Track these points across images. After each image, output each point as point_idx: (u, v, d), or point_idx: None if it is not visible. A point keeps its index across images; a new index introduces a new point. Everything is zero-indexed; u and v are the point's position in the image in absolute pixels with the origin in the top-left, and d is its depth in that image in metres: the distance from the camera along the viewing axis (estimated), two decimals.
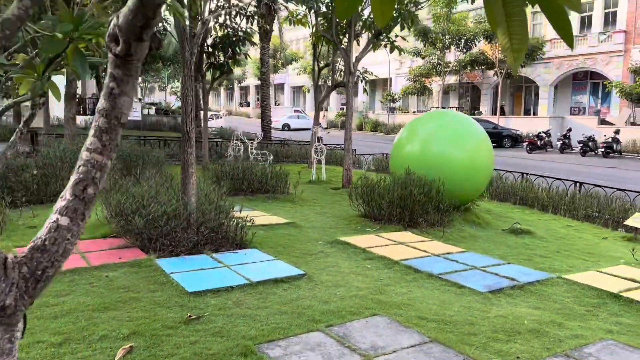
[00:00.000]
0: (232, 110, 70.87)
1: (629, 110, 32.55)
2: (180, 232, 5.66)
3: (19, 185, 8.41)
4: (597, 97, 36.12)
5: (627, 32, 32.59)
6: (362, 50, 11.88)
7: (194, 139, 6.11)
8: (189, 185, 6.06)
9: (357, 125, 47.35)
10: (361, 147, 28.60)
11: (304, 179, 13.76)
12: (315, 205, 9.74)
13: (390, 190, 7.77)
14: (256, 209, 8.73)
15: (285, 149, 19.28)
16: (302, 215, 8.56)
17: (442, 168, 8.38)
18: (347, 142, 12.12)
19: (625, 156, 27.59)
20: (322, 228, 7.61)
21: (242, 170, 9.88)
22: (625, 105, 32.38)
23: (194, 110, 15.43)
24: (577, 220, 11.12)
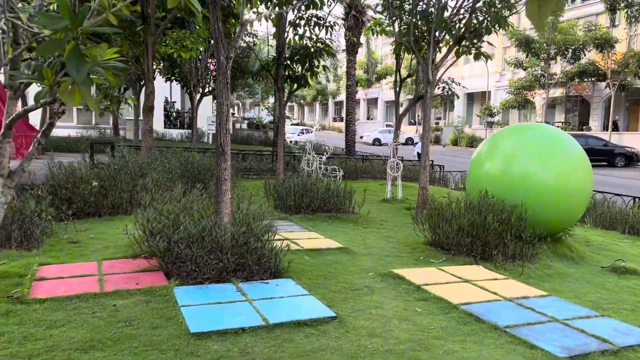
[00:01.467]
0: (326, 125, 71.31)
1: None
2: (206, 256, 5.05)
3: (76, 197, 8.34)
4: None
5: None
6: (442, 57, 10.81)
7: (229, 153, 5.51)
8: (221, 203, 5.45)
9: (451, 140, 45.33)
10: (452, 163, 27.01)
11: (378, 197, 12.85)
12: (381, 227, 8.80)
13: (460, 214, 6.67)
14: (311, 230, 7.98)
15: (365, 165, 18.44)
16: (360, 239, 7.68)
17: (527, 191, 7.13)
18: (424, 158, 11.04)
19: None
20: (379, 256, 6.69)
21: (302, 186, 9.20)
22: None
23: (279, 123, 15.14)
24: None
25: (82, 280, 4.97)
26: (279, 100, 14.73)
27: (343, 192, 9.51)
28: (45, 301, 4.38)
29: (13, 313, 4.07)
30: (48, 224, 6.86)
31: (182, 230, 5.07)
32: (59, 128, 28.23)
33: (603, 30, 32.21)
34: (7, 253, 5.83)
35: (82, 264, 5.57)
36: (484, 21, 10.41)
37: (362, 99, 66.29)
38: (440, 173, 19.92)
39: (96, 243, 6.65)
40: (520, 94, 38.70)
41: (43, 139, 4.90)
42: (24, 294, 4.45)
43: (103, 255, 5.94)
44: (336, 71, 57.37)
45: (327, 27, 14.52)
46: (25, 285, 4.69)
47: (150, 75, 12.60)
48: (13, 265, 5.20)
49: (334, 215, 9.14)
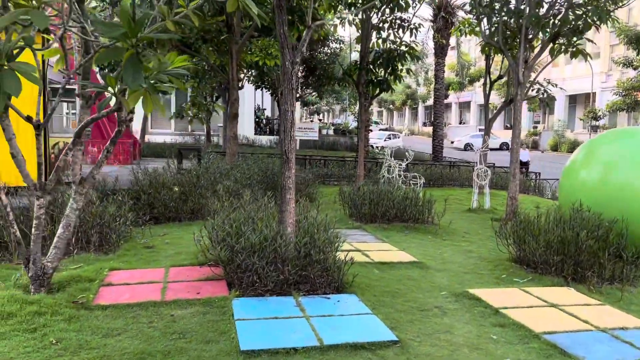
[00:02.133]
0: (415, 129, 69.96)
1: None
2: (267, 267, 4.89)
3: (158, 202, 8.60)
4: None
5: None
6: (534, 57, 10.00)
7: (294, 161, 5.33)
8: (285, 213, 5.28)
9: (551, 146, 42.58)
10: (550, 170, 25.20)
11: (463, 207, 12.17)
12: (462, 240, 8.23)
13: (549, 229, 6.01)
14: (385, 241, 7.61)
15: (451, 171, 17.64)
16: (437, 252, 7.20)
17: (628, 203, 6.29)
18: (513, 165, 10.26)
19: None
20: (455, 272, 6.19)
21: (377, 194, 8.85)
22: None
23: (360, 128, 14.93)
24: None
25: (146, 287, 5.00)
26: (361, 105, 14.47)
27: (422, 201, 9.04)
28: (107, 308, 4.42)
29: (75, 319, 4.13)
30: (126, 229, 7.09)
31: (244, 239, 4.95)
32: (157, 135, 29.97)
33: None
34: (85, 257, 6.06)
35: (150, 270, 5.64)
36: (582, 16, 9.48)
37: (454, 103, 64.25)
38: (535, 181, 18.62)
39: (169, 249, 6.75)
40: (630, 95, 35.41)
41: (112, 146, 5.01)
42: (88, 300, 4.53)
43: (173, 262, 6.00)
44: (426, 74, 56.12)
45: (411, 29, 14.06)
46: (92, 290, 4.79)
47: (235, 83, 12.85)
48: (86, 269, 5.36)
49: (411, 226, 8.71)
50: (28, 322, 3.99)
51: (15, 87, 3.22)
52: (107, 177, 8.93)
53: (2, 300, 4.18)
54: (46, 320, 4.04)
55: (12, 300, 4.23)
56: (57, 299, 4.41)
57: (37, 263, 4.62)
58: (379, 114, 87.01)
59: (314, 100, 49.11)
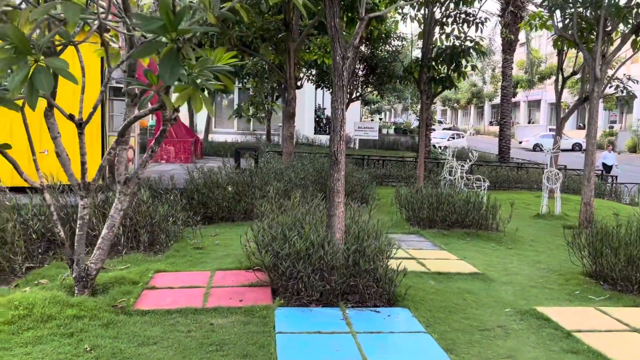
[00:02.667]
0: (481, 129, 67.71)
1: None
2: (313, 276, 4.59)
3: (211, 202, 8.52)
4: None
5: None
6: (614, 51, 9.13)
7: (343, 162, 4.99)
8: (333, 217, 4.96)
9: (629, 147, 39.86)
10: (629, 173, 23.42)
11: (531, 212, 11.39)
12: (529, 249, 7.60)
13: (630, 242, 5.34)
14: (443, 249, 7.13)
15: (519, 173, 16.69)
16: (502, 262, 6.64)
17: None
18: (588, 168, 9.43)
19: None
20: (521, 286, 5.64)
21: (436, 197, 8.35)
22: None
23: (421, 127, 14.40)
24: None
25: (189, 292, 4.83)
26: (422, 104, 13.91)
27: (486, 206, 8.45)
28: (147, 313, 4.28)
29: (113, 325, 4.00)
30: (177, 229, 7.02)
31: (289, 244, 4.68)
32: (220, 134, 30.50)
33: None
34: (134, 256, 6.01)
35: (196, 273, 5.49)
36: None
37: (523, 101, 61.62)
38: (612, 185, 17.30)
39: (219, 250, 6.60)
40: None
41: (156, 146, 4.87)
42: (129, 304, 4.40)
43: (220, 265, 5.83)
44: (493, 72, 54.10)
45: (477, 24, 13.36)
46: (135, 293, 4.67)
47: (292, 82, 12.67)
48: (132, 270, 5.27)
49: (472, 232, 8.15)
50: (66, 325, 3.89)
51: (47, 84, 3.09)
52: (163, 175, 8.96)
53: (44, 301, 4.12)
54: (84, 324, 3.93)
55: (54, 302, 4.16)
56: (98, 302, 4.31)
57: (80, 264, 4.55)
58: (443, 112, 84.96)
59: (375, 99, 48.50)
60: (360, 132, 26.42)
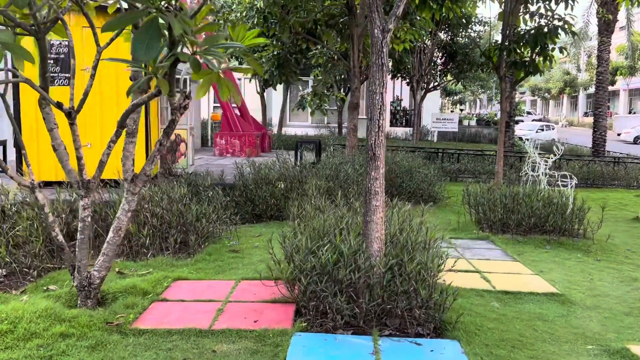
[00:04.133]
0: (574, 120, 62.94)
1: None
2: (340, 296, 3.80)
3: (259, 199, 7.96)
4: None
5: None
6: None
7: (383, 158, 4.14)
8: (370, 224, 4.13)
9: None
10: None
11: (629, 215, 9.86)
12: (624, 262, 6.31)
13: None
14: (516, 260, 6.04)
15: (615, 169, 14.79)
16: (587, 279, 5.47)
17: None
18: None
19: None
20: (612, 313, 4.50)
21: (511, 197, 7.21)
22: None
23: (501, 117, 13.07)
24: None
25: (201, 307, 4.22)
26: (502, 91, 12.54)
27: (572, 208, 7.20)
28: (144, 334, 3.70)
29: (100, 347, 3.46)
30: (215, 229, 6.49)
31: (313, 256, 3.93)
32: (294, 127, 30.26)
33: None
34: (160, 260, 5.52)
35: (218, 282, 4.88)
36: None
37: (623, 90, 56.40)
38: None
39: (255, 254, 5.99)
40: None
41: (165, 138, 4.28)
42: (127, 321, 3.85)
43: (248, 273, 5.19)
44: (589, 58, 49.90)
45: (566, 1, 11.80)
46: (140, 307, 4.12)
47: (356, 71, 11.85)
48: (148, 278, 4.76)
49: (554, 240, 6.94)
50: (48, 346, 3.39)
51: None
52: (210, 170, 8.51)
53: (33, 315, 3.66)
54: (68, 345, 3.42)
55: (45, 315, 3.69)
56: (94, 318, 3.80)
57: (82, 272, 4.08)
58: (532, 103, 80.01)
59: (457, 90, 46.31)
60: (439, 124, 25.03)
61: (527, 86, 66.76)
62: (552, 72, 64.42)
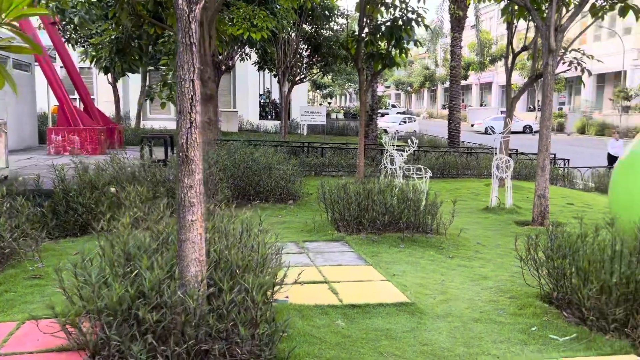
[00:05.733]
0: (434, 112, 67.27)
1: None
2: (142, 338, 2.96)
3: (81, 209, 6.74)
4: None
5: None
6: (570, 17, 7.81)
7: (199, 162, 3.38)
8: (185, 244, 3.33)
9: (577, 128, 39.85)
10: (580, 155, 22.77)
11: (480, 204, 10.11)
12: (475, 257, 6.20)
13: (602, 260, 3.94)
14: (368, 263, 5.61)
15: (468, 159, 15.50)
16: (439, 281, 5.18)
17: None
18: (542, 155, 8.14)
19: None
20: (462, 321, 4.17)
21: (364, 194, 6.83)
22: None
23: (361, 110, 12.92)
24: None
25: None
26: (361, 83, 12.39)
27: (425, 203, 7.00)
28: None
29: None
30: (16, 247, 5.25)
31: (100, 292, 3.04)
32: (156, 120, 28.26)
33: None
34: None
35: None
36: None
37: (475, 84, 61.39)
38: (564, 169, 16.34)
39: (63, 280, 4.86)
40: None
41: None
42: None
43: (40, 309, 4.10)
44: (445, 54, 53.39)
45: None
46: None
47: (208, 59, 10.90)
48: None
49: (408, 237, 6.67)
50: None
51: None
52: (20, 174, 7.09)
53: None
54: None
55: None
56: None
57: None
58: (397, 96, 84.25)
59: (326, 83, 46.91)
60: (307, 117, 24.83)
61: (391, 80, 69.99)
62: (413, 66, 68.23)
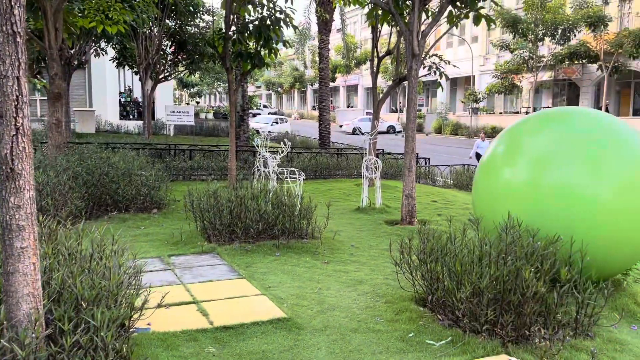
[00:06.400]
0: (305, 113, 68.37)
1: None
2: None
3: None
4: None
5: None
6: (431, 23, 8.14)
7: (29, 177, 2.78)
8: (15, 276, 2.72)
9: (435, 128, 42.94)
10: (438, 154, 24.49)
11: (352, 205, 10.22)
12: (350, 261, 6.13)
13: (473, 265, 4.02)
14: (242, 275, 5.26)
15: (339, 160, 15.77)
16: (316, 289, 4.98)
17: (570, 214, 4.54)
18: (408, 156, 8.40)
19: None
20: (341, 334, 4.00)
21: (237, 200, 6.45)
22: None
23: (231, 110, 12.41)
24: None
25: None
26: (230, 83, 11.94)
27: (299, 208, 6.81)
28: None
29: None
30: None
31: None
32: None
33: (595, 8, 29.78)
34: None
35: None
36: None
37: (342, 86, 63.51)
38: (426, 167, 17.34)
39: None
40: (507, 78, 36.27)
41: None
42: None
43: None
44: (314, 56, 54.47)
45: None
46: None
47: (54, 53, 9.70)
48: None
49: (284, 243, 6.42)
50: None
51: None
52: None
53: None
54: None
55: None
56: None
57: None
58: (268, 97, 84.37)
59: (193, 81, 45.32)
60: (174, 117, 23.59)
61: (262, 80, 69.87)
62: (283, 67, 68.78)
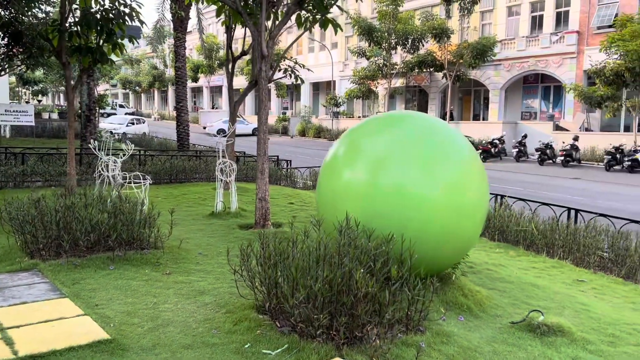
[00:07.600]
0: (166, 114, 65.52)
1: (582, 115, 30.47)
2: None
3: None
4: (548, 101, 33.99)
5: (580, 33, 30.43)
6: (278, 25, 8.10)
7: None
8: None
9: (299, 131, 43.69)
10: (301, 156, 24.85)
11: (206, 210, 9.85)
12: (195, 270, 5.81)
13: (309, 267, 3.97)
14: (64, 295, 4.68)
15: (197, 163, 15.21)
16: (151, 305, 4.60)
17: (408, 213, 4.71)
18: (261, 159, 8.27)
19: (585, 165, 25.32)
20: (172, 351, 3.70)
21: (65, 209, 5.79)
22: (578, 110, 30.29)
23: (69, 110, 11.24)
24: (587, 270, 7.83)
25: None
26: (68, 80, 10.86)
27: (139, 216, 6.31)
28: None
29: None
30: None
31: None
32: None
33: (440, 21, 32.50)
34: None
35: None
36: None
37: (205, 87, 61.95)
38: (287, 170, 17.44)
39: None
40: (364, 84, 38.10)
41: None
42: None
43: None
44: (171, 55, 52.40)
45: None
46: None
47: None
48: None
49: (119, 256, 5.89)
50: None
51: None
52: None
53: None
54: None
55: None
56: None
57: None
58: (125, 96, 79.45)
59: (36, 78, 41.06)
60: (9, 117, 21.05)
61: (117, 78, 65.55)
62: (141, 65, 65.23)
